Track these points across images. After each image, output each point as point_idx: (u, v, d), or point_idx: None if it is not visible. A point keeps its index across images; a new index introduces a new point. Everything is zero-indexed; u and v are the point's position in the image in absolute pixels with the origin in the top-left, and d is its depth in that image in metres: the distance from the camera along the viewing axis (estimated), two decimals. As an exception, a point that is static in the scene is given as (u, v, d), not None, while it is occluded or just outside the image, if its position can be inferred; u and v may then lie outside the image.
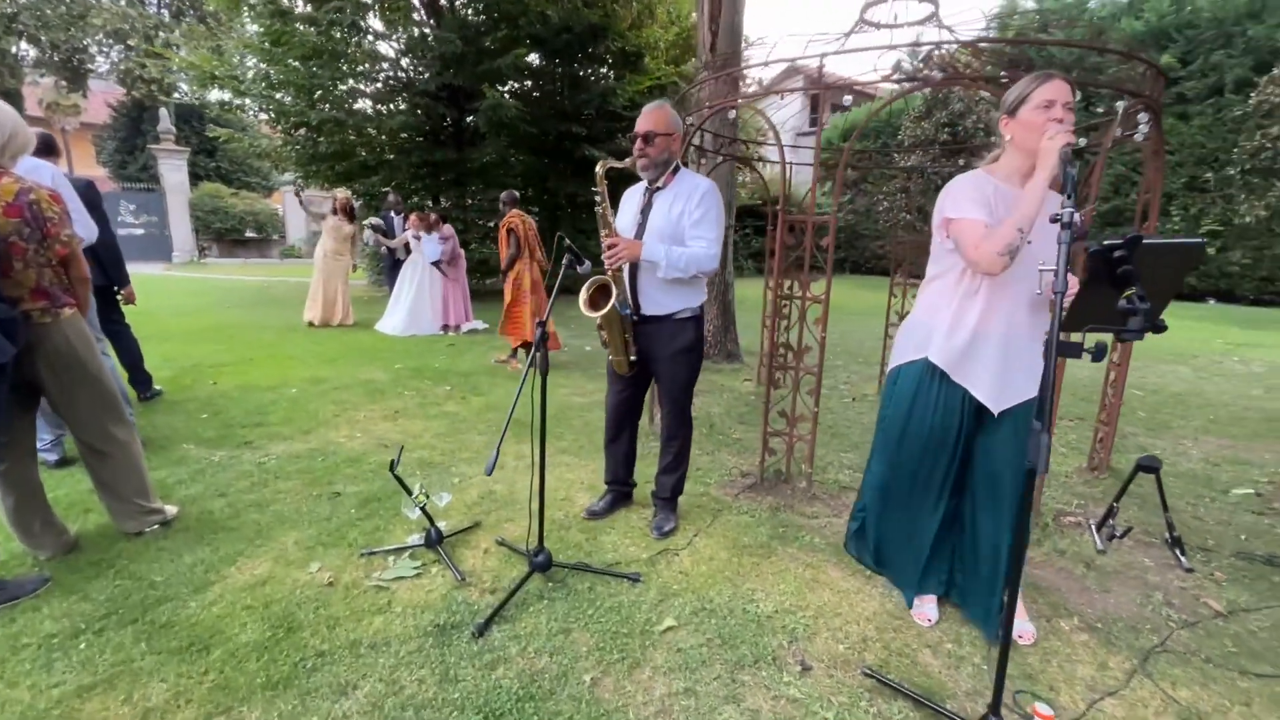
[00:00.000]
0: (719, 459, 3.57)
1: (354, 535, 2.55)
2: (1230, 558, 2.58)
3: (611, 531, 2.65)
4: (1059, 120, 1.61)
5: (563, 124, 10.62)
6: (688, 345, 2.49)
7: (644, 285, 2.41)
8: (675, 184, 2.45)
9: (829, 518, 2.84)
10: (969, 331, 1.79)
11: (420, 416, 4.21)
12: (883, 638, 1.99)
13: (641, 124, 2.40)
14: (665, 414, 2.64)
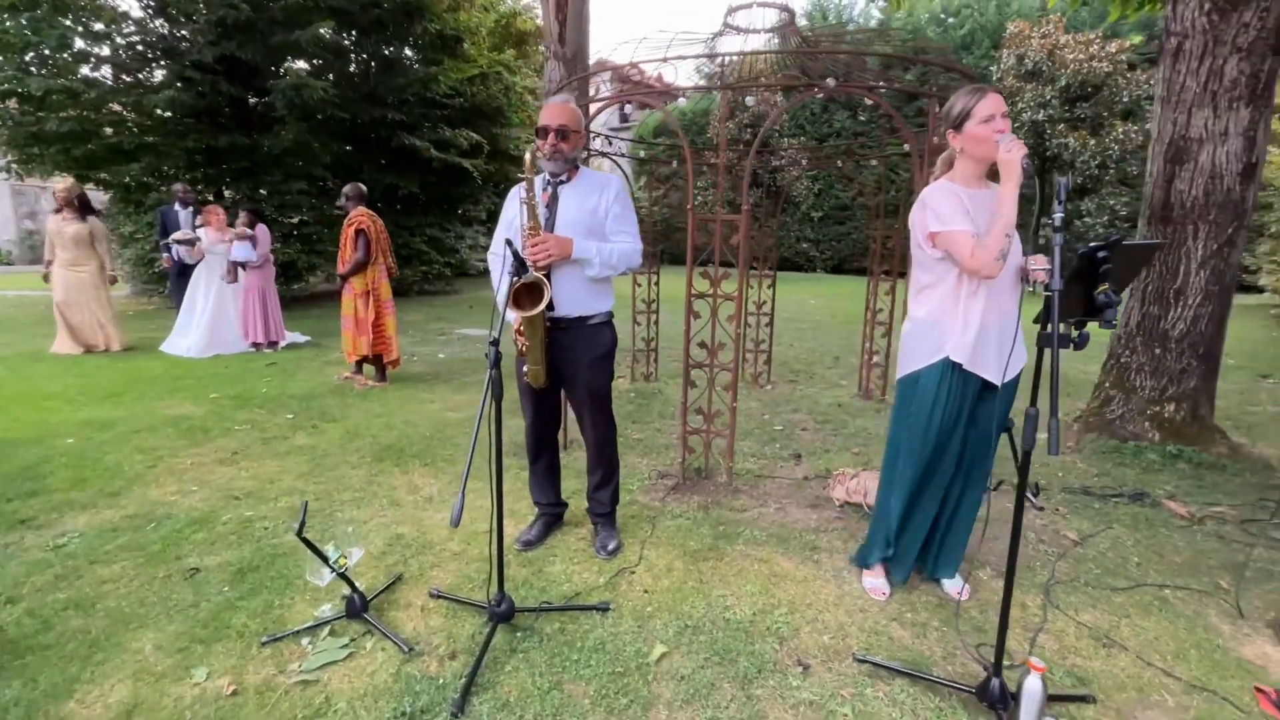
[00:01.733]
0: (629, 463, 3.49)
1: (240, 621, 2.02)
2: (1061, 493, 3.15)
3: (555, 560, 2.44)
4: (1000, 130, 1.79)
5: (376, 109, 9.61)
6: (607, 350, 2.37)
7: (565, 286, 2.22)
8: (581, 179, 2.30)
9: (757, 508, 2.92)
10: (977, 327, 1.91)
11: (268, 455, 3.51)
12: (855, 621, 2.08)
13: (553, 118, 2.20)
14: (590, 425, 2.47)
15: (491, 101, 11.35)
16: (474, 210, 12.60)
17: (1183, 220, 3.40)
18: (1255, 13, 3.05)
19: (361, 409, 4.42)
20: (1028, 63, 12.96)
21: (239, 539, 2.56)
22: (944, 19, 19.49)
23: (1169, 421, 3.62)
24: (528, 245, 2.11)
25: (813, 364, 6.35)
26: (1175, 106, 3.36)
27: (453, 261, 11.81)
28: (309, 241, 9.83)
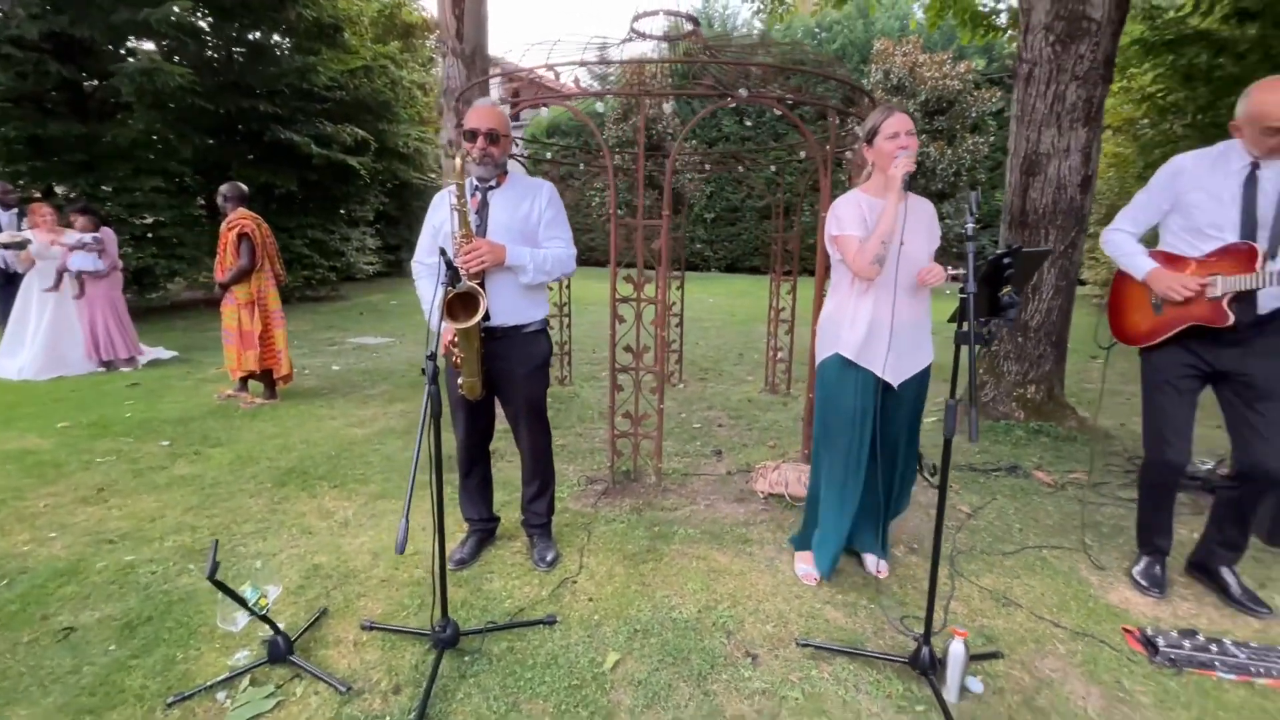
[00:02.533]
0: (554, 470, 3.44)
1: (136, 683, 1.78)
2: (953, 471, 3.49)
3: (492, 577, 2.37)
4: (904, 147, 1.96)
5: (245, 100, 8.76)
6: (544, 358, 2.36)
7: (499, 294, 2.17)
8: (511, 184, 2.26)
9: (688, 506, 2.99)
10: (866, 323, 2.09)
11: (143, 489, 3.11)
12: (793, 608, 2.19)
13: (483, 121, 2.14)
14: (527, 436, 2.43)
15: (377, 96, 10.70)
16: (361, 211, 11.82)
17: (1037, 224, 3.89)
18: (1089, 45, 3.55)
19: (252, 430, 4.03)
20: (893, 78, 14.17)
21: (120, 589, 2.25)
22: (818, 33, 20.88)
23: (1031, 401, 4.12)
24: (460, 252, 2.03)
25: (719, 361, 6.57)
26: (1028, 125, 3.83)
27: (338, 265, 11.01)
28: (167, 245, 8.78)
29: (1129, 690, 1.82)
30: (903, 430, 2.26)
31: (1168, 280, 2.10)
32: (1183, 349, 2.17)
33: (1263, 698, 1.79)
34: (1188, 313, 2.09)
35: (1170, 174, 2.16)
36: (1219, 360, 2.11)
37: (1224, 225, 2.03)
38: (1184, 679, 1.86)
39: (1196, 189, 2.08)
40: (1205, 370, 2.15)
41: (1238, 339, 2.07)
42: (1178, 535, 2.54)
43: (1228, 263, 2.01)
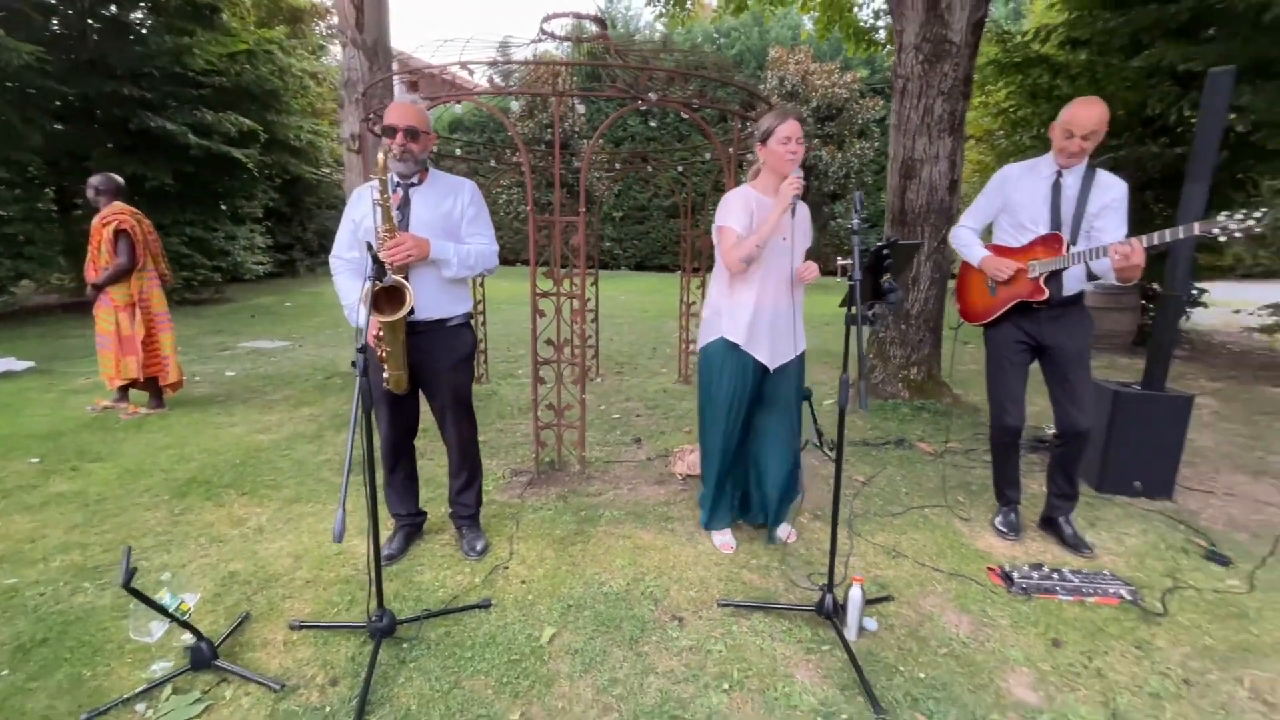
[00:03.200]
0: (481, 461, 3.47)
1: (41, 705, 1.68)
2: (849, 446, 3.85)
3: (423, 570, 2.39)
4: (794, 153, 2.18)
5: (106, 83, 7.94)
6: (468, 351, 2.41)
7: (423, 288, 2.20)
8: (433, 182, 2.30)
9: (611, 491, 3.13)
10: (749, 311, 2.30)
11: (15, 510, 2.84)
12: (713, 574, 2.38)
13: (401, 118, 2.16)
14: (453, 429, 2.47)
15: (263, 84, 10.00)
16: (248, 207, 11.00)
17: (914, 223, 4.34)
18: (951, 65, 4.02)
19: (139, 442, 3.73)
20: (787, 84, 14.99)
21: (4, 613, 2.07)
22: (717, 39, 21.64)
23: (914, 382, 4.59)
24: (385, 246, 2.05)
25: (634, 356, 6.76)
26: (904, 133, 4.27)
27: (223, 265, 10.20)
28: (13, 244, 7.81)
29: (992, 616, 2.14)
30: (787, 410, 2.49)
31: (996, 263, 2.50)
32: (1013, 326, 2.56)
33: (1091, 612, 2.17)
34: (1015, 291, 2.49)
35: (999, 180, 2.60)
36: (1041, 335, 2.52)
37: (1038, 220, 2.45)
38: (1033, 603, 2.22)
39: (1018, 191, 2.51)
40: (1031, 344, 2.55)
41: (1053, 316, 2.49)
42: (1031, 490, 2.98)
43: (1042, 249, 2.43)
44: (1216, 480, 3.42)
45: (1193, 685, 1.83)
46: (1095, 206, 2.39)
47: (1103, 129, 2.31)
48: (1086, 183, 2.40)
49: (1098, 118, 2.29)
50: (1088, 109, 2.31)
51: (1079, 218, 2.40)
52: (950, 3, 3.89)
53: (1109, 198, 2.38)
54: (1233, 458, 3.78)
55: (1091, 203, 2.39)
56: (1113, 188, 2.40)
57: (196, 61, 8.34)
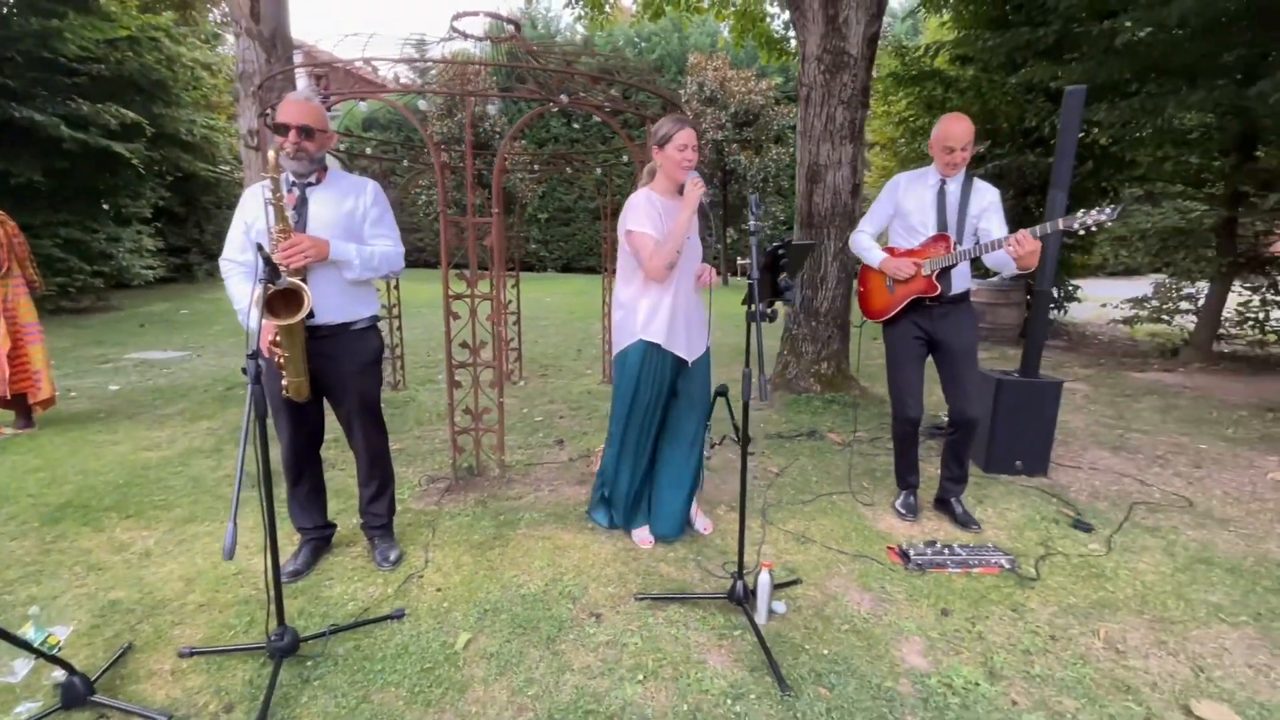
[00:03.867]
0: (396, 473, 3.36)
1: (-125, 761, 1.50)
2: (765, 439, 4.01)
3: (332, 584, 2.30)
4: (690, 160, 2.27)
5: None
6: (375, 355, 2.33)
7: (324, 290, 2.12)
8: (332, 181, 2.23)
9: (532, 494, 3.11)
10: (668, 311, 2.36)
11: None
12: (631, 569, 2.42)
13: (294, 116, 2.08)
14: (362, 436, 2.39)
15: (149, 74, 9.22)
16: (134, 206, 10.11)
17: (821, 225, 4.57)
18: (850, 75, 4.26)
19: (2, 466, 3.37)
20: (706, 90, 15.36)
21: None
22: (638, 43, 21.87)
23: (824, 376, 4.83)
24: (280, 247, 1.96)
25: (559, 358, 6.73)
26: (809, 140, 4.49)
27: (106, 270, 9.34)
28: None
29: (890, 592, 2.30)
30: (699, 403, 2.58)
31: (895, 263, 2.69)
32: (909, 323, 2.76)
33: (976, 581, 2.37)
34: (910, 289, 2.69)
35: (891, 188, 2.81)
36: (934, 330, 2.72)
37: (927, 224, 2.67)
38: (926, 577, 2.39)
39: (907, 198, 2.73)
40: (926, 338, 2.75)
41: (943, 312, 2.70)
42: (928, 473, 3.20)
43: (933, 248, 2.64)
44: (1084, 456, 3.79)
45: (1058, 640, 2.03)
46: (975, 209, 2.63)
47: (972, 139, 2.58)
48: (966, 189, 2.65)
49: (968, 130, 2.55)
50: (959, 124, 2.55)
51: (962, 220, 2.63)
52: (847, 17, 4.13)
53: (986, 201, 2.64)
54: (1098, 436, 4.20)
55: (972, 206, 2.63)
56: (988, 192, 2.66)
57: (68, 47, 7.59)
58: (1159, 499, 3.18)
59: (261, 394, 1.66)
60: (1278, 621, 2.15)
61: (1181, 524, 2.89)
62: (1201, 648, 2.01)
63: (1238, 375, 6.19)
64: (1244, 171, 6.26)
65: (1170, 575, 2.44)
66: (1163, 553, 2.62)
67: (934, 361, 2.81)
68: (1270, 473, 3.55)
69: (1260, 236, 6.96)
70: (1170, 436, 4.22)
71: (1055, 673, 1.88)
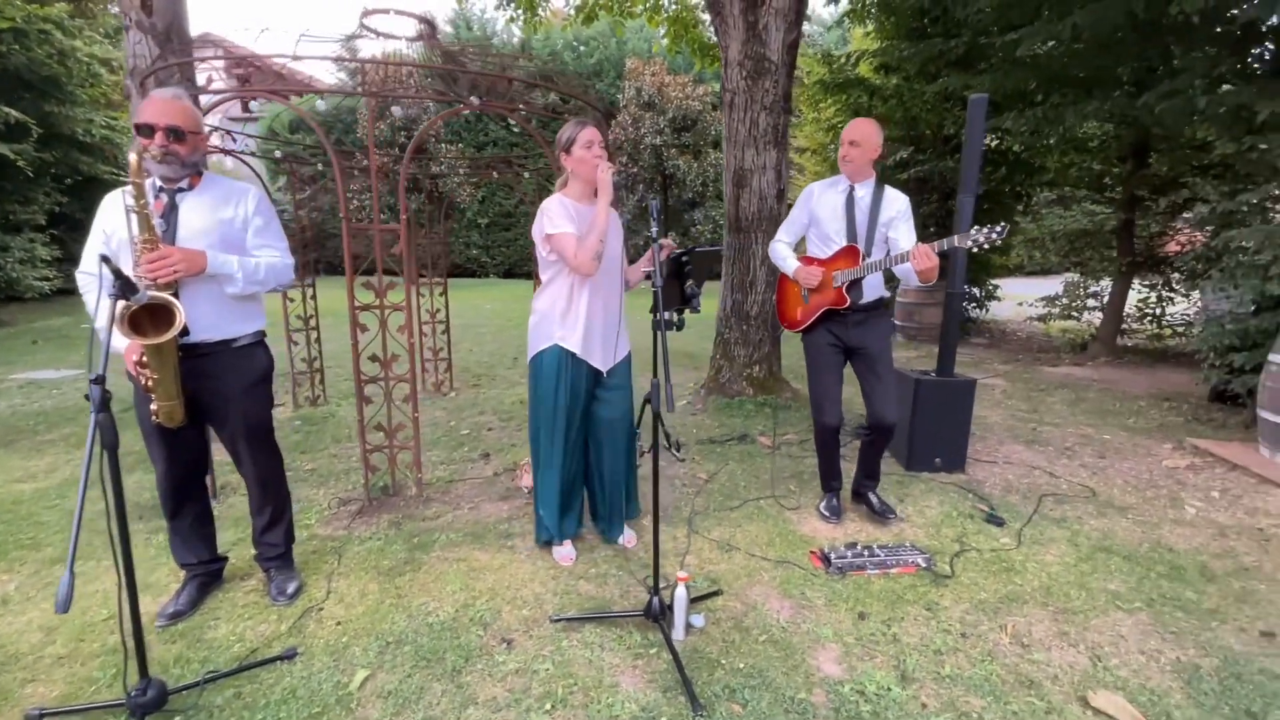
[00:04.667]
0: (302, 496, 3.16)
1: None
2: (697, 445, 3.98)
3: (217, 624, 2.11)
4: (599, 157, 2.21)
5: None
6: (262, 374, 2.15)
7: (201, 306, 1.95)
8: (208, 186, 2.06)
9: (450, 512, 2.98)
10: (583, 318, 2.29)
11: None
12: (549, 589, 2.33)
13: (158, 115, 1.90)
14: (250, 462, 2.20)
15: (39, 69, 8.50)
16: (24, 213, 9.30)
17: (749, 229, 4.60)
18: (771, 81, 4.31)
19: None
20: (644, 95, 15.40)
21: None
22: (577, 47, 21.76)
23: (756, 379, 4.86)
24: (144, 260, 1.78)
25: (493, 367, 6.56)
26: (734, 145, 4.51)
27: (-8, 282, 8.55)
28: None
29: (809, 598, 2.29)
30: (619, 412, 2.52)
31: (805, 272, 2.71)
32: (825, 331, 2.78)
33: (894, 582, 2.39)
34: (823, 299, 2.71)
35: (805, 197, 2.82)
36: (848, 338, 2.75)
37: (840, 233, 2.69)
38: (847, 581, 2.40)
39: (820, 206, 2.75)
40: (841, 346, 2.78)
41: (857, 320, 2.73)
42: (852, 473, 3.23)
43: (843, 260, 2.66)
44: (1000, 451, 3.94)
45: (968, 637, 2.07)
46: (885, 217, 2.65)
47: (868, 139, 2.61)
48: (877, 196, 2.67)
49: (869, 128, 2.62)
50: (861, 121, 2.65)
51: (872, 228, 2.65)
52: (767, 24, 4.17)
53: (895, 210, 2.66)
54: (1013, 430, 4.38)
55: (882, 214, 2.65)
56: (898, 201, 2.68)
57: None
58: (1066, 490, 3.32)
59: (110, 422, 1.49)
60: (1168, 606, 2.25)
61: (1086, 514, 3.02)
62: (1100, 636, 2.08)
63: (1139, 368, 6.61)
64: (1138, 177, 6.71)
65: (1074, 565, 2.54)
66: (1068, 543, 2.72)
67: (852, 367, 2.84)
68: (1164, 460, 3.78)
69: (1155, 238, 7.48)
70: (1078, 428, 4.44)
71: (964, 671, 1.90)
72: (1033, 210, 9.02)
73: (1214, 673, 1.90)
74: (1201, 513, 3.04)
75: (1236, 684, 1.85)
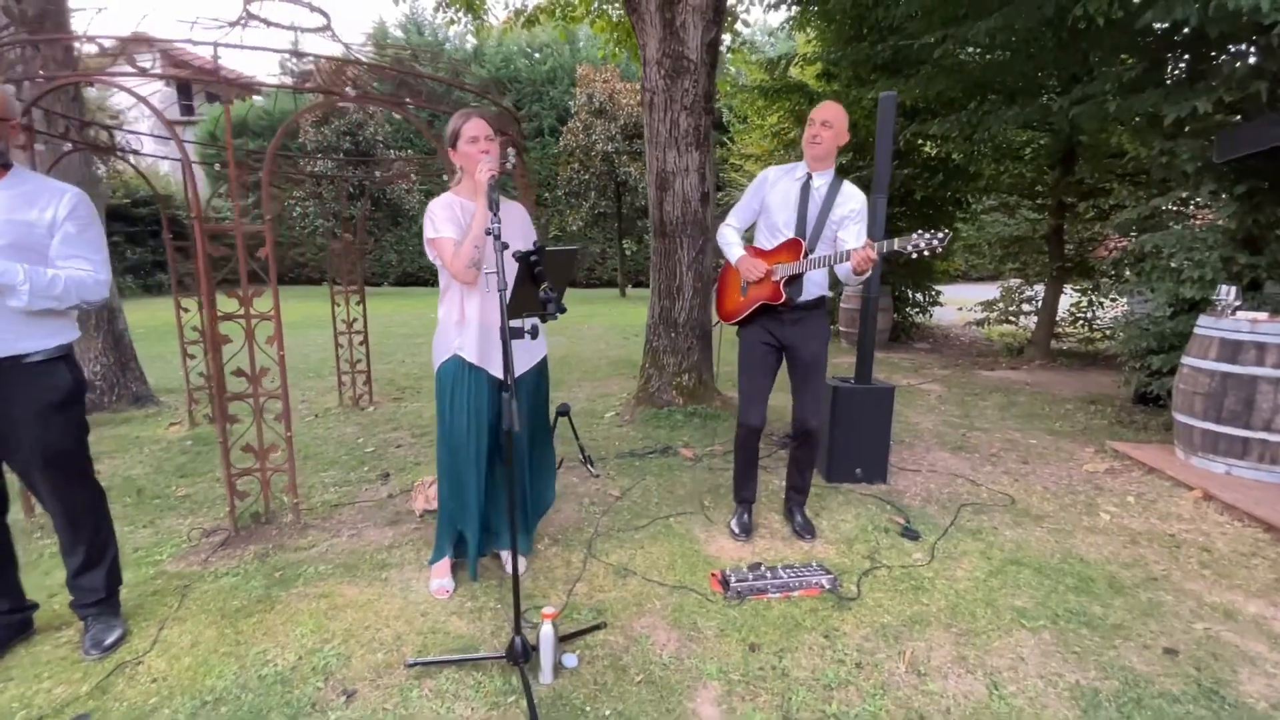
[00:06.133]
0: (164, 527, 2.86)
1: None
2: (616, 459, 3.79)
3: (9, 685, 1.81)
4: (485, 151, 2.01)
5: None
6: (63, 396, 1.86)
7: None
8: (16, 182, 1.79)
9: (328, 541, 2.71)
10: (476, 325, 2.12)
11: None
12: (414, 627, 2.09)
13: None
14: (50, 498, 1.90)
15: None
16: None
17: (673, 234, 4.45)
18: (691, 81, 4.18)
19: None
20: (595, 101, 15.29)
21: None
22: (531, 53, 21.58)
23: (686, 388, 4.70)
24: None
25: (422, 378, 6.26)
26: (656, 146, 4.37)
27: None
28: None
29: (700, 628, 2.11)
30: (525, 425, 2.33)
31: (748, 263, 2.54)
32: (759, 327, 2.63)
33: (795, 606, 2.23)
34: (760, 293, 2.56)
35: (759, 182, 2.65)
36: (783, 336, 2.60)
37: (789, 223, 2.53)
38: (745, 606, 2.23)
39: (773, 193, 2.58)
40: (775, 344, 2.63)
41: (794, 319, 2.58)
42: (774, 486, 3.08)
43: (785, 254, 2.51)
44: (926, 458, 3.85)
45: (862, 667, 1.91)
46: (838, 215, 2.51)
47: (840, 121, 2.47)
48: (833, 190, 2.52)
49: (835, 109, 2.47)
50: (827, 104, 2.51)
51: (822, 222, 2.51)
52: (684, 21, 4.04)
53: (849, 209, 2.51)
54: (942, 436, 4.32)
55: (835, 210, 2.51)
56: (854, 198, 2.53)
57: None
58: (985, 498, 3.23)
59: None
60: (1074, 622, 2.14)
61: (1002, 523, 2.92)
62: (1000, 660, 1.95)
63: (1070, 370, 6.70)
64: (1066, 184, 6.83)
65: (983, 580, 2.42)
66: (980, 556, 2.61)
67: (786, 368, 2.69)
68: (1085, 464, 3.74)
69: (1086, 243, 7.65)
70: (1005, 433, 4.41)
71: (853, 708, 1.74)
72: (972, 216, 9.18)
73: (1113, 698, 1.78)
74: (1115, 519, 2.98)
75: (1135, 711, 1.73)
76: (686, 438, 4.16)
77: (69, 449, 1.88)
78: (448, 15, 8.97)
